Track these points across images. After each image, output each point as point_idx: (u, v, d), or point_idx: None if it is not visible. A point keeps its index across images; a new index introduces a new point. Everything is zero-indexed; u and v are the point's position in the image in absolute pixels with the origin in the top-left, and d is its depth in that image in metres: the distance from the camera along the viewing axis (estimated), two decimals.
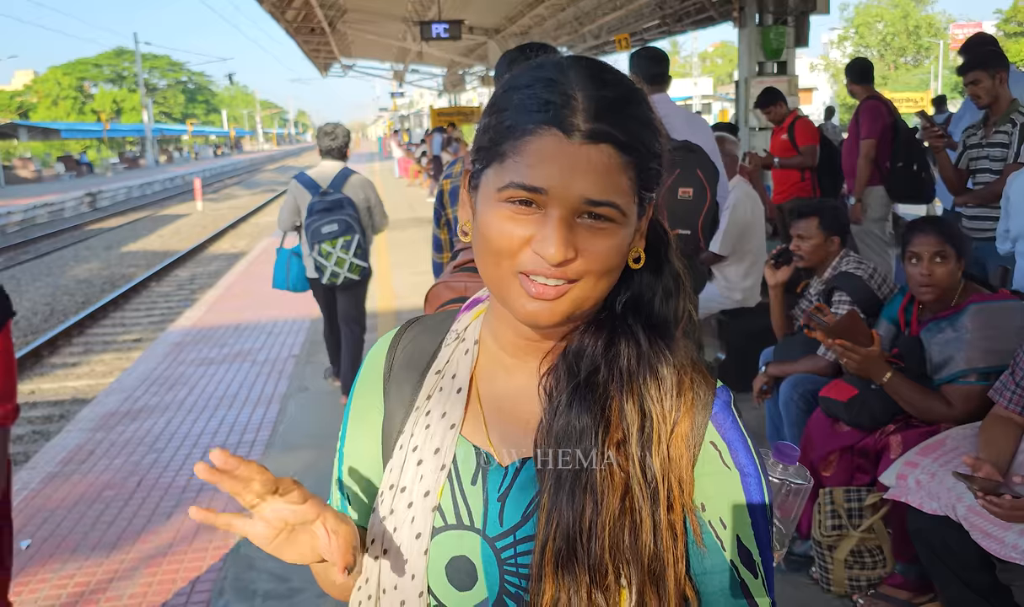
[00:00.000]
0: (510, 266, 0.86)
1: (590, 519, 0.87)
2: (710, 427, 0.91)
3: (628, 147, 0.84)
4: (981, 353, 2.92)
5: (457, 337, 1.04)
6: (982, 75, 4.68)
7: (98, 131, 63.24)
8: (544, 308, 0.86)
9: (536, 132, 0.83)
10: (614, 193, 0.83)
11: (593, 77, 0.86)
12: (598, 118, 0.83)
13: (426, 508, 0.97)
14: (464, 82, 35.00)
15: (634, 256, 0.92)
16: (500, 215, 0.86)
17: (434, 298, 2.37)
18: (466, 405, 1.00)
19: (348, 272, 5.48)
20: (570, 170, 0.82)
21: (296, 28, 18.91)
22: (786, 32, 10.20)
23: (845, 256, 3.89)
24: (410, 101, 58.35)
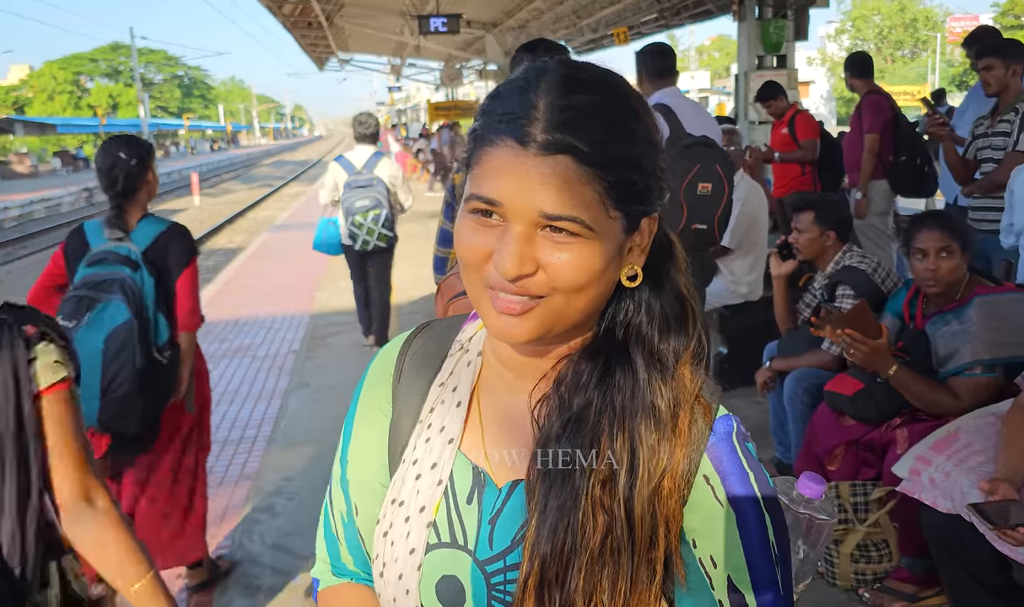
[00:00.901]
0: (479, 279, 0.85)
1: (568, 559, 0.84)
2: (704, 460, 0.87)
3: (591, 159, 0.79)
4: (987, 345, 2.92)
5: (461, 348, 1.03)
6: (996, 63, 4.68)
7: (94, 126, 63.07)
8: (512, 324, 0.83)
9: (494, 143, 0.81)
10: (575, 207, 0.79)
11: (566, 84, 0.82)
12: (557, 128, 0.79)
13: (421, 524, 0.95)
14: (461, 76, 34.94)
15: (628, 274, 0.88)
16: (466, 226, 0.84)
17: (447, 289, 2.35)
18: (466, 419, 0.97)
19: (377, 240, 6.45)
20: (525, 183, 0.79)
21: (293, 22, 18.87)
22: (786, 25, 10.19)
23: (848, 250, 3.88)
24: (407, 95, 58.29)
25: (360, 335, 7.35)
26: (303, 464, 4.86)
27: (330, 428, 5.42)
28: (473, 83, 36.87)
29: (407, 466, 0.98)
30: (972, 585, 2.57)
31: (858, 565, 3.12)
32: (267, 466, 4.86)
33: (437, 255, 3.02)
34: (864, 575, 3.13)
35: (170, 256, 3.15)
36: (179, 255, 3.18)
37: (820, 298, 3.83)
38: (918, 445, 2.80)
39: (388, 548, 0.96)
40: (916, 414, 3.11)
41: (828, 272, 3.89)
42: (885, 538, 3.10)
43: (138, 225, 3.17)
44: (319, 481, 4.57)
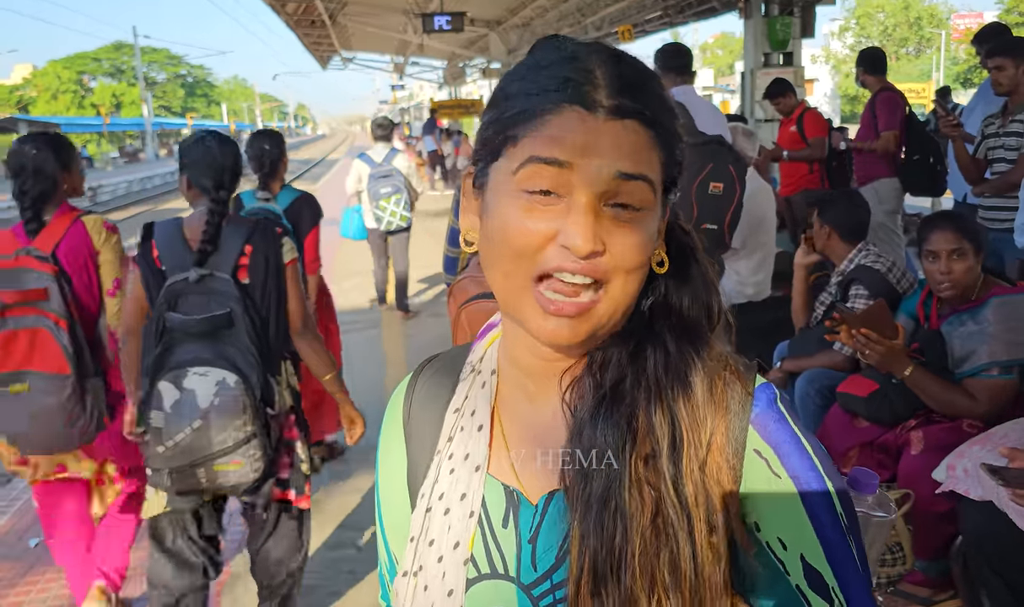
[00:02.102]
0: (528, 271, 0.78)
1: (619, 546, 0.78)
2: (752, 433, 0.81)
3: (655, 124, 0.78)
4: (1004, 346, 2.89)
5: (473, 370, 0.97)
6: (1008, 62, 4.63)
7: (98, 125, 63.20)
8: (564, 325, 0.78)
9: (555, 111, 0.76)
10: (648, 169, 0.77)
11: (611, 56, 0.80)
12: (622, 93, 0.77)
13: (457, 561, 0.89)
14: (465, 75, 34.91)
15: (657, 260, 0.84)
16: (517, 207, 0.78)
17: (460, 293, 2.30)
18: (490, 442, 0.92)
19: (399, 221, 7.76)
20: (598, 145, 0.75)
21: (297, 21, 18.86)
22: (792, 23, 10.15)
23: (863, 248, 3.84)
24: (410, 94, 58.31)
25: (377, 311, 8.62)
26: None
27: None
28: (476, 81, 36.85)
29: (429, 500, 0.93)
30: (997, 584, 2.54)
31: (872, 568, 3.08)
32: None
33: (447, 255, 2.98)
34: (878, 578, 3.09)
35: (302, 216, 4.33)
36: (309, 216, 4.39)
37: (833, 297, 3.79)
38: (963, 444, 2.75)
39: (421, 594, 0.90)
40: (931, 416, 3.08)
41: (842, 269, 3.85)
42: (899, 541, 3.06)
43: (280, 192, 4.43)
44: (320, 481, 4.54)
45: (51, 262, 2.86)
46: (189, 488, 2.54)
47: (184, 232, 2.62)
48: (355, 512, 4.23)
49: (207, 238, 2.56)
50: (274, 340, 2.67)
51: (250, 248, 2.62)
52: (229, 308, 2.50)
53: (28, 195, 2.93)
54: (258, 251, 2.63)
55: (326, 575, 3.65)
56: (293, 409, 2.80)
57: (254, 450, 2.51)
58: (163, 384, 2.45)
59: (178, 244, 2.60)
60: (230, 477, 2.51)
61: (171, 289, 2.52)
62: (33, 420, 2.85)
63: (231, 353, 2.49)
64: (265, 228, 2.70)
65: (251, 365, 2.50)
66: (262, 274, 2.62)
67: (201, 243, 2.56)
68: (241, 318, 2.51)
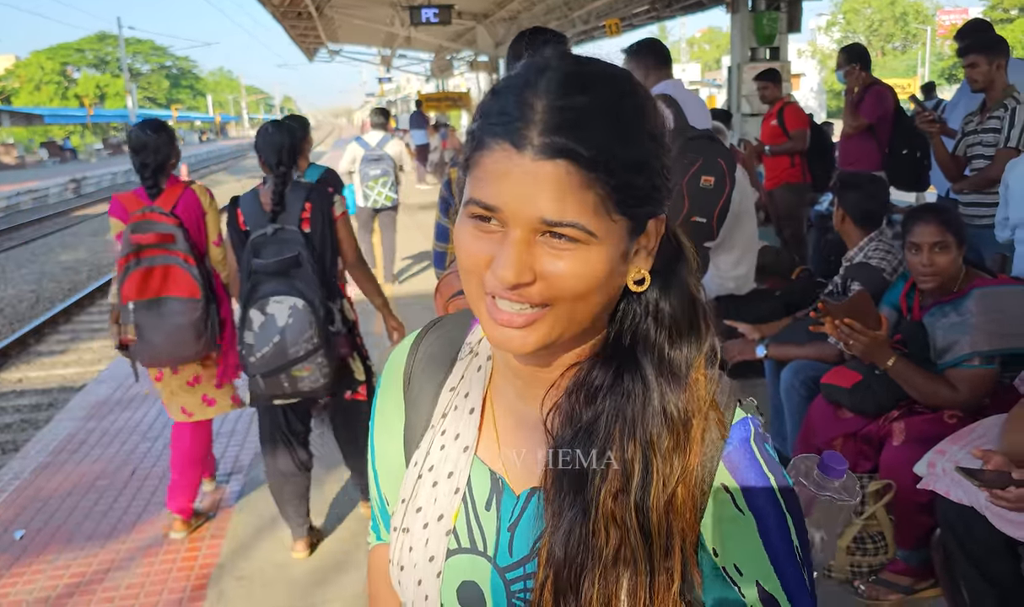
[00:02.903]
0: (478, 286, 0.81)
1: (581, 568, 0.83)
2: (721, 468, 0.84)
3: (592, 163, 0.75)
4: (986, 336, 2.92)
5: (471, 351, 1.00)
6: (980, 59, 4.67)
7: (82, 117, 62.66)
8: (515, 336, 0.80)
9: (490, 146, 0.77)
10: (576, 213, 0.75)
11: (567, 82, 0.77)
12: (555, 131, 0.75)
13: (440, 531, 0.94)
14: (452, 67, 34.80)
15: (636, 278, 0.84)
16: (465, 232, 0.81)
17: (446, 287, 2.34)
18: (480, 425, 0.96)
19: (384, 200, 8.71)
20: (522, 188, 0.75)
21: (283, 12, 18.74)
22: (779, 17, 10.18)
23: (874, 240, 3.81)
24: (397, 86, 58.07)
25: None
26: None
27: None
28: (464, 74, 36.72)
29: (419, 470, 0.98)
30: (974, 574, 2.57)
31: (854, 557, 3.12)
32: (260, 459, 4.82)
33: (436, 250, 3.02)
34: (860, 567, 3.13)
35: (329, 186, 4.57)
36: (334, 187, 4.71)
37: (836, 289, 3.80)
38: (942, 442, 2.78)
39: (406, 553, 0.96)
40: (913, 406, 3.11)
41: (851, 256, 3.85)
42: (881, 530, 3.10)
43: (307, 169, 5.29)
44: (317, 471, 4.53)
45: (173, 216, 3.66)
46: (277, 392, 3.36)
47: (260, 199, 3.46)
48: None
49: (276, 202, 3.40)
50: (330, 274, 3.48)
51: (309, 205, 3.44)
52: (297, 252, 3.32)
53: (149, 167, 3.72)
54: (316, 207, 3.45)
55: (311, 567, 3.66)
56: (349, 332, 3.61)
57: (321, 359, 3.31)
58: (252, 312, 3.29)
59: (256, 208, 3.44)
60: (305, 382, 3.32)
61: (254, 243, 3.35)
62: (168, 336, 3.62)
63: (300, 285, 3.30)
64: (320, 189, 3.55)
65: (315, 293, 3.30)
66: (320, 224, 3.44)
67: (272, 206, 3.40)
68: (306, 259, 3.32)
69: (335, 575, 3.58)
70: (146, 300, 3.60)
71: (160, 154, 3.71)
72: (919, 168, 6.21)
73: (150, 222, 3.62)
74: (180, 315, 3.61)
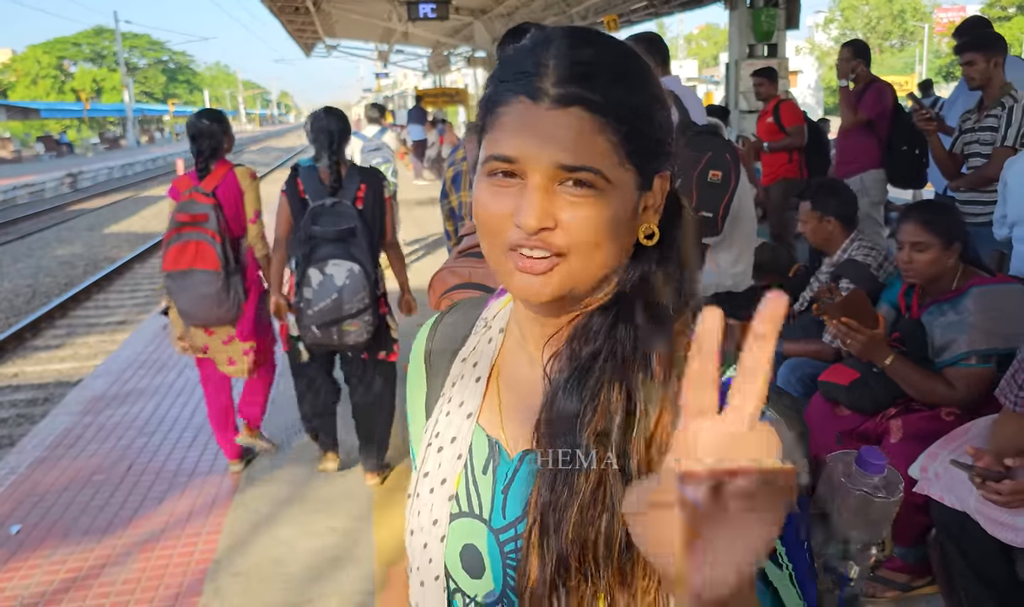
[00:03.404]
0: (501, 243, 0.85)
1: (562, 509, 0.83)
2: None
3: (603, 108, 0.80)
4: (983, 335, 2.91)
5: (485, 325, 1.04)
6: (977, 57, 4.66)
7: (78, 111, 62.62)
8: (534, 282, 0.83)
9: (508, 102, 0.83)
10: (590, 157, 0.80)
11: (575, 43, 0.83)
12: (568, 81, 0.80)
13: (443, 496, 0.97)
14: (449, 63, 34.77)
15: (646, 232, 0.88)
16: (484, 191, 0.85)
17: (438, 283, 2.35)
18: (484, 394, 0.99)
19: (393, 179, 8.74)
20: (540, 136, 0.80)
21: (280, 7, 18.70)
22: (777, 14, 10.17)
23: (856, 239, 3.84)
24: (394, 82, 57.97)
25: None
26: (297, 447, 4.83)
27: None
28: (461, 70, 36.69)
29: (429, 437, 1.02)
30: (970, 575, 2.57)
31: None
32: (256, 454, 4.82)
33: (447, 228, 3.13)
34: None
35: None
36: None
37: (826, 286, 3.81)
38: (934, 444, 2.78)
39: (415, 517, 1.01)
40: (910, 404, 3.11)
41: (835, 260, 3.87)
42: None
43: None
44: (308, 470, 4.54)
45: (211, 197, 4.16)
46: (327, 341, 3.91)
47: (319, 174, 3.99)
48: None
49: (335, 179, 3.95)
50: (377, 246, 4.05)
51: (364, 186, 4.01)
52: (354, 224, 3.86)
53: (204, 153, 4.23)
54: (369, 188, 4.02)
55: (308, 562, 3.66)
56: (385, 295, 4.09)
57: (367, 317, 3.88)
58: (312, 270, 3.80)
59: (316, 182, 3.98)
60: (351, 336, 3.89)
61: (313, 211, 3.87)
62: (193, 303, 4.17)
63: (355, 252, 3.84)
64: (374, 173, 4.15)
65: (367, 260, 3.86)
66: (371, 203, 4.00)
67: (332, 182, 3.95)
68: (361, 231, 3.87)
69: (331, 571, 3.57)
70: (179, 271, 4.14)
71: (214, 140, 4.24)
72: (917, 165, 6.21)
73: (192, 202, 4.16)
74: (204, 285, 4.14)
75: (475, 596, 0.97)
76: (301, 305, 3.86)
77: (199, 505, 4.24)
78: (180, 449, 4.98)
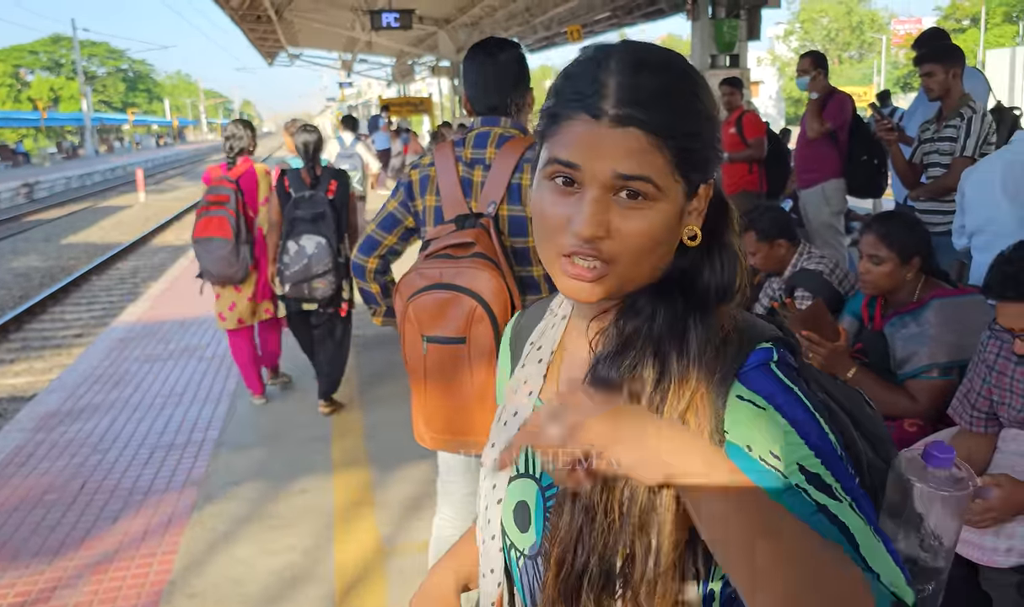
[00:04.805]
0: (556, 247, 0.92)
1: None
2: (736, 384, 0.92)
3: (657, 130, 0.88)
4: (945, 347, 2.91)
5: (552, 313, 1.15)
6: (937, 68, 4.71)
7: (35, 120, 61.54)
8: (584, 288, 0.92)
9: (569, 117, 0.90)
10: (646, 169, 0.88)
11: (634, 65, 0.90)
12: (625, 104, 0.87)
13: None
14: (413, 72, 34.71)
15: (689, 234, 0.96)
16: (544, 193, 0.93)
17: (406, 287, 2.31)
18: (546, 374, 1.10)
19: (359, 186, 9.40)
20: (599, 149, 0.88)
21: (242, 16, 18.54)
22: (739, 25, 10.25)
23: (804, 252, 3.87)
24: (358, 91, 57.78)
25: None
26: (253, 467, 4.73)
27: (278, 430, 5.31)
28: (425, 79, 36.63)
29: (501, 413, 1.15)
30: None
31: None
32: (214, 471, 4.72)
33: (372, 235, 2.79)
34: None
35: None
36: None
37: (781, 301, 3.82)
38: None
39: (482, 482, 1.15)
40: None
41: (786, 276, 3.87)
42: None
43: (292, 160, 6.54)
44: (270, 485, 4.46)
45: (233, 183, 5.44)
46: (300, 295, 5.16)
47: (301, 174, 5.25)
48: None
49: (312, 178, 5.26)
50: (341, 227, 5.23)
51: (334, 182, 5.26)
52: (324, 210, 5.12)
53: (234, 149, 5.57)
54: (339, 185, 5.28)
55: (271, 588, 3.57)
56: (345, 266, 5.16)
57: (331, 277, 5.11)
58: (290, 243, 5.06)
59: (298, 180, 5.23)
60: (319, 291, 5.12)
61: (295, 200, 5.16)
62: (212, 263, 5.38)
63: (323, 230, 5.09)
64: (343, 174, 5.42)
65: (332, 236, 5.10)
66: (340, 196, 5.26)
67: (311, 180, 5.25)
68: (329, 215, 5.12)
69: (291, 591, 3.49)
70: (203, 238, 5.36)
71: (243, 142, 5.61)
72: (876, 175, 6.28)
73: (219, 187, 5.44)
74: (219, 249, 5.33)
75: (523, 549, 1.07)
76: (281, 268, 5.09)
77: (154, 524, 4.13)
78: (135, 466, 4.85)
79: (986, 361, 2.56)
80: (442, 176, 2.58)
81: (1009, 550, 2.30)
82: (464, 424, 2.33)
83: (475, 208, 2.52)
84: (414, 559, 3.63)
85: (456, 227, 2.40)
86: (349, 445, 5.00)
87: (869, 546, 0.84)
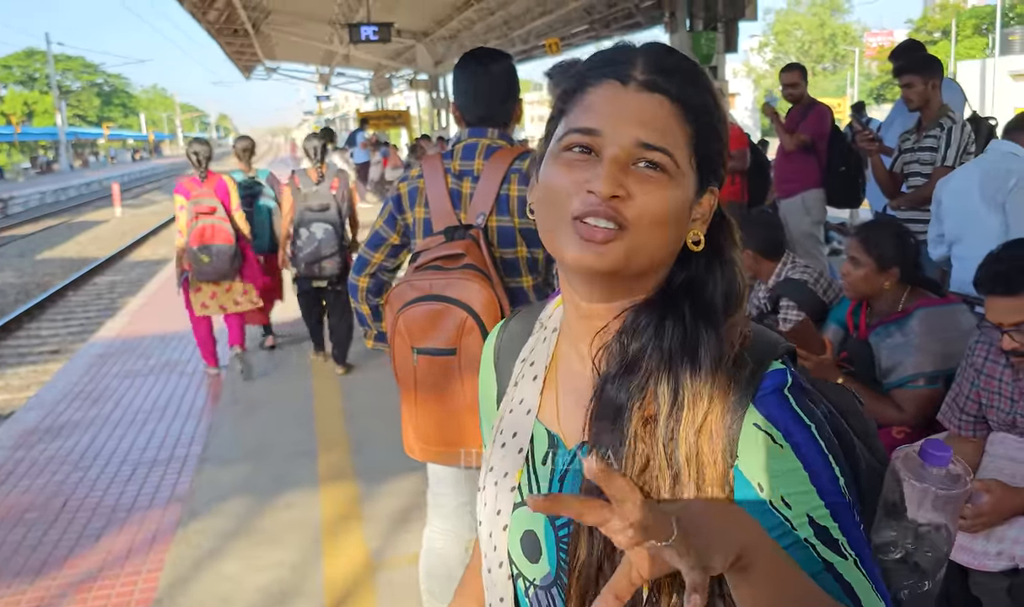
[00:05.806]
0: (565, 212, 0.89)
1: None
2: (752, 410, 0.89)
3: (682, 100, 0.89)
4: (930, 357, 2.94)
5: (541, 326, 1.12)
6: (916, 79, 4.77)
7: (8, 135, 61.01)
8: (592, 251, 0.88)
9: (597, 83, 0.91)
10: (666, 140, 0.87)
11: (660, 50, 0.93)
12: (654, 71, 0.89)
13: (505, 488, 1.05)
14: (392, 85, 34.70)
15: (693, 238, 0.94)
16: (558, 165, 0.91)
17: (396, 299, 2.30)
18: (542, 391, 1.07)
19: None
20: (624, 114, 0.88)
21: (218, 29, 18.49)
22: (716, 38, 10.34)
23: (788, 262, 3.89)
24: (336, 105, 57.69)
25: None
26: (237, 483, 4.69)
27: (263, 444, 5.27)
28: (403, 92, 36.63)
29: (495, 433, 1.10)
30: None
31: None
32: (199, 486, 4.68)
33: (362, 255, 2.82)
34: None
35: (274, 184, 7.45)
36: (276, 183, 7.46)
37: (764, 310, 3.84)
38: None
39: (483, 509, 1.09)
40: None
41: (770, 285, 3.90)
42: None
43: (259, 171, 7.54)
44: (255, 501, 4.42)
45: (215, 195, 6.27)
46: (312, 274, 6.30)
47: (309, 172, 6.38)
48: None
49: (319, 177, 6.36)
50: (344, 216, 6.38)
51: (337, 181, 6.39)
52: (328, 202, 6.25)
53: (200, 155, 6.37)
54: (341, 183, 6.42)
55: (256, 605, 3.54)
56: (350, 246, 6.36)
57: (337, 258, 6.26)
58: (302, 230, 6.20)
59: (307, 179, 6.32)
60: (327, 270, 6.26)
61: (305, 194, 6.24)
62: (213, 265, 6.22)
63: (330, 218, 6.24)
64: (343, 173, 6.54)
65: (338, 223, 6.27)
66: (342, 191, 6.41)
67: (317, 179, 6.35)
68: (334, 206, 6.26)
69: None
70: (203, 245, 6.17)
71: (211, 155, 6.51)
72: (854, 185, 6.36)
73: (204, 199, 6.23)
74: (225, 252, 6.22)
75: (534, 579, 1.03)
76: (295, 251, 6.28)
77: (139, 541, 4.09)
78: (118, 483, 4.80)
79: (974, 364, 2.59)
80: (431, 188, 2.58)
81: (999, 554, 2.33)
82: (455, 435, 2.33)
83: (464, 220, 2.53)
84: (403, 572, 3.61)
85: (445, 239, 2.40)
86: (335, 459, 4.97)
87: (871, 605, 0.85)
